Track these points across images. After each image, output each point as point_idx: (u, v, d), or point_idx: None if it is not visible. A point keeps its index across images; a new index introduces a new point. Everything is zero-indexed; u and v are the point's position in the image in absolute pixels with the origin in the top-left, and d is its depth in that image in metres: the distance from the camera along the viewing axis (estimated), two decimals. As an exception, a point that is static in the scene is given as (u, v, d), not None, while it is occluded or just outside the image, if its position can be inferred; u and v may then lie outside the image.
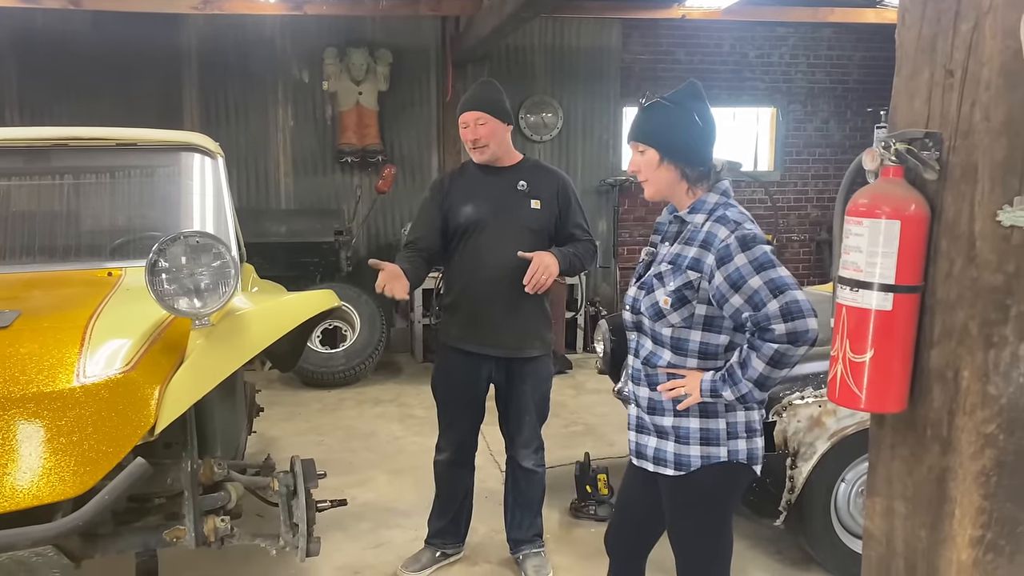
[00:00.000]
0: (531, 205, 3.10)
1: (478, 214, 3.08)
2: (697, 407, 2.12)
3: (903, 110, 1.59)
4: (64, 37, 6.92)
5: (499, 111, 3.07)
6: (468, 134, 3.06)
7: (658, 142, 2.10)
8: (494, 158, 3.11)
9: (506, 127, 3.10)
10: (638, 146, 2.14)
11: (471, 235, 3.10)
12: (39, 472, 1.98)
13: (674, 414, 2.14)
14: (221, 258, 2.31)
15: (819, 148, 8.46)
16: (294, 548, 2.45)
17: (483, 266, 3.07)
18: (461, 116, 3.08)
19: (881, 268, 1.49)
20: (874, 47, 8.21)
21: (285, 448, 4.86)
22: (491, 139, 3.06)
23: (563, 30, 7.74)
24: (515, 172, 3.15)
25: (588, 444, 4.70)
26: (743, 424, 2.14)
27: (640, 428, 2.25)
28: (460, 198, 3.13)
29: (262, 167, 7.44)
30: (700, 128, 2.09)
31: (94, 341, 2.24)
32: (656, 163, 2.11)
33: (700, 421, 2.12)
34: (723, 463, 2.12)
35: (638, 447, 2.25)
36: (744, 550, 3.53)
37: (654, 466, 2.19)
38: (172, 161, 3.41)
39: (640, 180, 2.17)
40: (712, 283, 2.01)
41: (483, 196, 3.10)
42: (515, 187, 3.11)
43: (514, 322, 3.10)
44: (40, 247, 3.25)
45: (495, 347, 3.12)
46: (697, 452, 2.12)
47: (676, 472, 2.14)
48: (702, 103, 2.11)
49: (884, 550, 1.68)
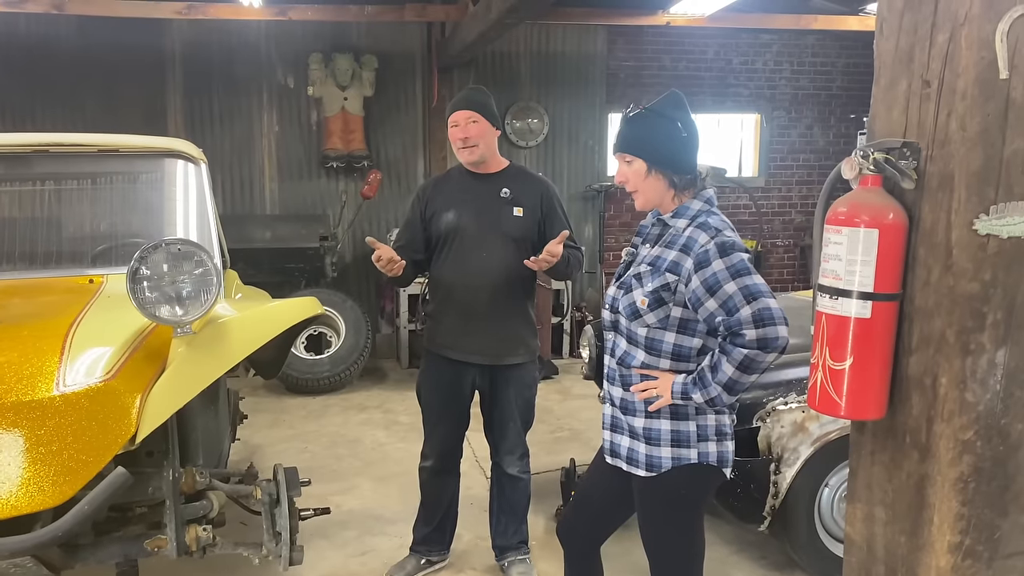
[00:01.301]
0: (513, 212, 3.08)
1: (460, 221, 3.07)
2: (668, 409, 2.15)
3: (881, 120, 1.61)
4: (47, 42, 6.86)
5: (489, 114, 3.07)
6: (458, 132, 3.04)
7: (645, 152, 2.14)
8: (482, 159, 3.09)
9: (495, 131, 3.10)
10: (625, 157, 2.17)
11: (453, 241, 3.08)
12: (18, 482, 1.96)
13: (645, 415, 2.18)
14: (203, 266, 2.29)
15: (803, 154, 8.52)
16: (277, 557, 2.45)
17: (466, 273, 3.06)
18: (452, 115, 3.07)
19: (860, 276, 1.51)
20: (857, 54, 8.29)
21: (269, 455, 4.83)
22: (481, 139, 3.04)
23: (548, 36, 7.76)
24: (499, 179, 3.13)
25: (574, 450, 4.70)
26: (713, 427, 2.17)
27: (614, 427, 2.28)
28: (443, 204, 3.12)
29: (247, 172, 7.40)
30: (685, 136, 2.13)
31: (74, 349, 2.22)
32: (644, 173, 2.15)
33: (671, 423, 2.16)
34: (693, 464, 2.15)
35: (612, 446, 2.28)
36: (728, 555, 3.54)
37: (627, 466, 2.23)
38: (155, 167, 3.39)
39: (629, 191, 2.19)
40: (689, 286, 2.05)
41: (465, 202, 3.09)
42: (498, 194, 3.09)
43: (498, 329, 3.09)
44: (20, 254, 3.22)
45: (479, 354, 3.11)
46: (668, 453, 2.15)
47: (647, 473, 2.18)
48: (684, 112, 2.15)
49: (865, 556, 1.70)
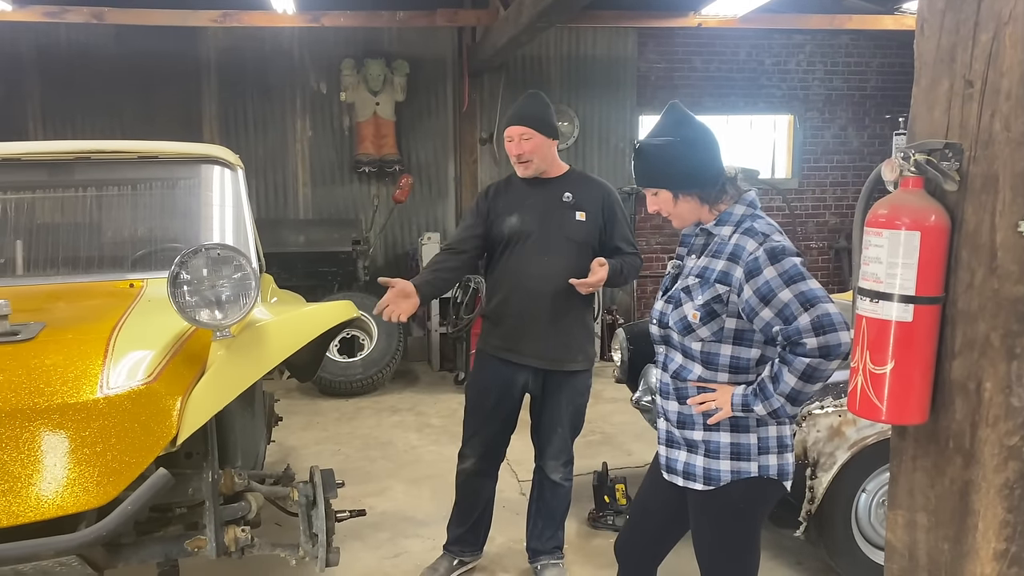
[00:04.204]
0: (576, 217, 3.07)
1: (523, 225, 3.07)
2: (728, 421, 2.09)
3: (922, 120, 1.58)
4: (86, 51, 7.02)
5: (544, 126, 3.05)
6: (513, 148, 3.06)
7: (664, 182, 2.11)
8: (538, 172, 3.10)
9: (551, 142, 3.09)
10: (649, 190, 2.15)
11: (515, 245, 3.09)
12: (64, 482, 2.00)
13: (704, 428, 2.12)
14: (242, 270, 2.33)
15: (837, 155, 8.42)
16: (313, 558, 2.46)
17: (527, 277, 3.06)
18: (506, 130, 3.08)
19: (901, 279, 1.49)
20: (892, 53, 8.17)
21: (304, 457, 4.88)
22: (535, 154, 3.04)
23: (579, 39, 7.76)
24: (560, 184, 3.13)
25: (606, 453, 4.69)
26: (775, 439, 2.11)
27: (670, 442, 2.22)
28: (505, 208, 3.12)
29: (280, 177, 7.50)
30: (695, 152, 2.08)
31: (117, 352, 2.26)
32: (672, 201, 2.13)
33: (731, 436, 2.10)
34: (753, 478, 2.09)
35: (668, 461, 2.22)
36: (764, 561, 3.47)
37: (683, 481, 2.17)
38: (193, 173, 3.45)
39: (664, 216, 2.18)
40: (741, 296, 1.99)
41: (528, 207, 3.09)
42: (560, 198, 3.09)
43: (557, 333, 3.08)
44: (64, 259, 3.29)
45: (537, 358, 3.10)
46: (727, 467, 2.10)
47: (705, 487, 2.12)
48: (688, 126, 2.09)
49: (907, 563, 1.67)
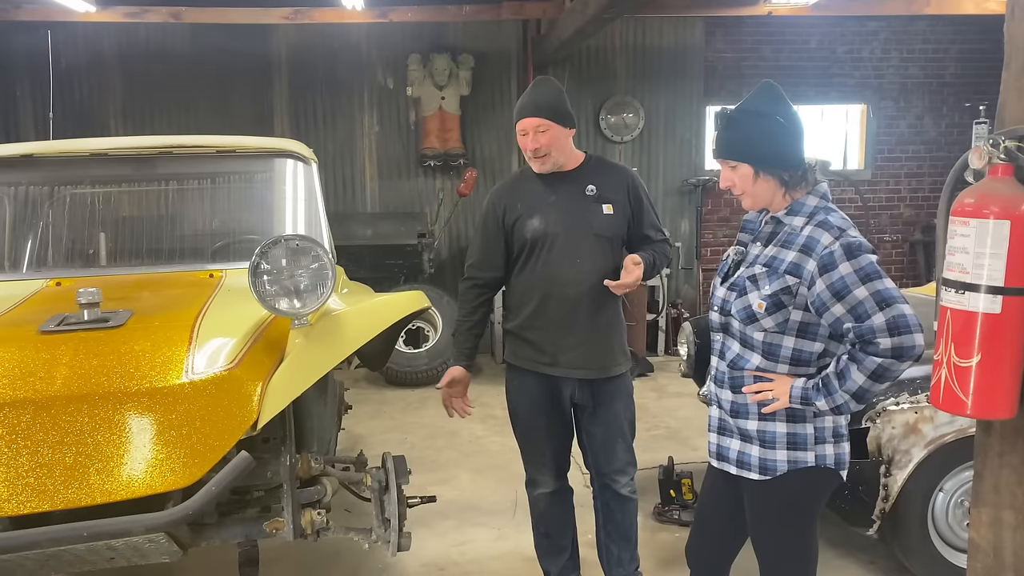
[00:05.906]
0: (603, 211, 2.81)
1: (547, 227, 2.79)
2: (784, 411, 2.07)
3: (1013, 106, 1.54)
4: (164, 49, 7.29)
5: (560, 115, 2.75)
6: (528, 143, 2.75)
7: (749, 156, 2.04)
8: (557, 166, 2.81)
9: (568, 131, 2.79)
10: (728, 163, 2.08)
11: (541, 250, 2.81)
12: (152, 463, 2.10)
13: (759, 418, 2.10)
14: (319, 260, 2.40)
15: (912, 145, 8.16)
16: (385, 543, 2.52)
17: (560, 283, 2.79)
18: (519, 123, 2.77)
19: (989, 270, 1.45)
20: (972, 39, 7.87)
21: (372, 445, 4.99)
22: (553, 147, 2.75)
23: (645, 30, 7.69)
24: (580, 175, 2.84)
25: (671, 448, 4.66)
26: (831, 429, 2.09)
27: (722, 430, 2.21)
28: (525, 210, 2.82)
29: (348, 171, 7.65)
30: (788, 131, 2.02)
31: (201, 339, 2.35)
32: (752, 177, 2.05)
33: (787, 425, 2.08)
34: (810, 468, 2.07)
35: (719, 449, 2.22)
36: (834, 558, 3.44)
37: (737, 469, 2.16)
38: (268, 167, 3.55)
39: (736, 194, 2.11)
40: (812, 290, 1.95)
41: (550, 207, 2.81)
42: (583, 193, 2.81)
43: (598, 339, 2.84)
44: (147, 250, 3.43)
45: (583, 369, 2.83)
46: (784, 456, 2.08)
47: (761, 476, 2.11)
48: (783, 103, 2.03)
49: (991, 562, 1.63)
